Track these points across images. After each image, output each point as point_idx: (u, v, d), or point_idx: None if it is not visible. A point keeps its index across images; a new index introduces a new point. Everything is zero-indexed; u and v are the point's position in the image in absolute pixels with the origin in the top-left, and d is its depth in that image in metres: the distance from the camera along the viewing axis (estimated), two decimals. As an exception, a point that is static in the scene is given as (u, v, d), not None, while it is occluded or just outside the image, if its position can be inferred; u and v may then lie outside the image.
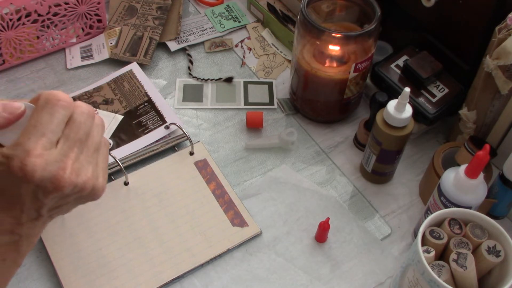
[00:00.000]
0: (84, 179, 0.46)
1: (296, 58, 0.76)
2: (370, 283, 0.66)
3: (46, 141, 0.43)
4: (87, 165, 0.47)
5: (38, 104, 0.44)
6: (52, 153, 0.44)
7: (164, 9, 0.93)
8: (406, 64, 0.76)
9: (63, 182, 0.44)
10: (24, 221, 0.46)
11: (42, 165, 0.43)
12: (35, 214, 0.46)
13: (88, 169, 0.47)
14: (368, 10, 0.73)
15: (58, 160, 0.44)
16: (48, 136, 0.44)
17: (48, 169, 0.43)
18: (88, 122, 0.47)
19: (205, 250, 0.66)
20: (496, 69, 0.64)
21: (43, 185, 0.43)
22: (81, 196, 0.48)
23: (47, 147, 0.44)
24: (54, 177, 0.44)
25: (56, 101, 0.44)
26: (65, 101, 0.45)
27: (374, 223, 0.71)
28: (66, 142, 0.45)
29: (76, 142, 0.46)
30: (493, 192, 0.68)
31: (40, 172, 0.43)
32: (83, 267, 0.64)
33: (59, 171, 0.44)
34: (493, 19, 0.66)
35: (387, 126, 0.67)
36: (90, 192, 0.47)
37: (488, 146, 0.56)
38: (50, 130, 0.44)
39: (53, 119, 0.44)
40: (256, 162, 0.77)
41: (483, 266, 0.54)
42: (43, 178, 0.43)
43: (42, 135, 0.43)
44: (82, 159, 0.46)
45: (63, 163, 0.44)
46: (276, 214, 0.71)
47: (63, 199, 0.47)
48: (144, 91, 0.81)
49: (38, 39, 0.84)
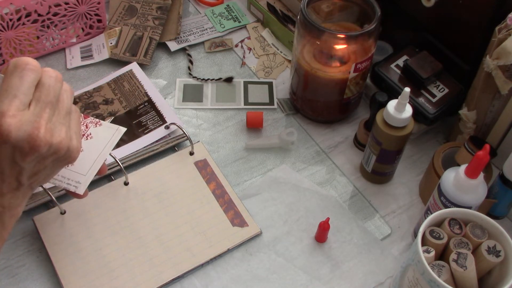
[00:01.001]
0: (59, 139, 0.48)
1: (296, 58, 0.76)
2: (370, 283, 0.66)
3: (18, 102, 0.45)
4: (60, 126, 0.48)
5: (7, 70, 0.46)
6: (26, 114, 0.46)
7: (164, 9, 0.93)
8: (406, 64, 0.76)
9: (39, 141, 0.46)
10: (5, 191, 0.48)
11: (17, 125, 0.45)
12: (15, 182, 0.48)
13: (62, 130, 0.48)
14: (368, 10, 0.73)
15: (31, 120, 0.46)
16: (20, 98, 0.45)
17: (23, 129, 0.45)
18: (56, 86, 0.48)
19: (205, 250, 0.66)
20: (496, 69, 0.64)
21: (19, 145, 0.45)
22: (57, 158, 0.49)
23: (20, 108, 0.45)
24: (29, 136, 0.45)
25: (24, 65, 0.46)
26: (33, 65, 0.47)
27: (374, 223, 0.71)
28: (38, 104, 0.47)
29: (48, 104, 0.47)
30: (493, 192, 0.68)
31: (16, 131, 0.44)
32: (83, 267, 0.64)
33: (34, 130, 0.45)
34: (493, 19, 0.66)
35: (387, 126, 0.67)
36: (65, 153, 0.49)
37: (488, 146, 0.56)
38: (21, 92, 0.46)
39: (23, 82, 0.46)
40: (256, 162, 0.77)
41: (483, 266, 0.54)
42: (18, 138, 0.45)
43: (14, 97, 0.45)
44: (55, 120, 0.48)
45: (36, 123, 0.46)
46: (276, 214, 0.71)
47: (40, 162, 0.48)
48: (144, 91, 0.81)
49: (38, 39, 0.84)
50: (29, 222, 0.68)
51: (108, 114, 0.78)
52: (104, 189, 0.71)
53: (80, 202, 0.68)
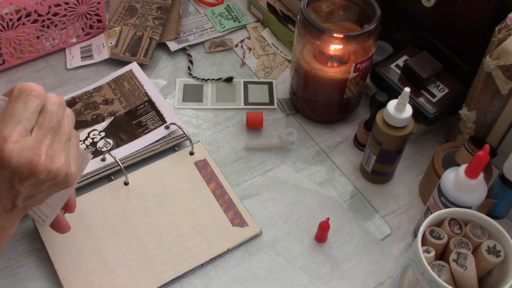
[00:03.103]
0: (58, 165, 0.48)
1: (296, 58, 0.76)
2: (370, 283, 0.66)
3: (22, 128, 0.46)
4: (60, 153, 0.49)
5: (12, 95, 0.47)
6: (28, 140, 0.46)
7: (164, 9, 0.93)
8: (406, 64, 0.76)
9: (39, 167, 0.46)
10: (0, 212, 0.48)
11: (19, 151, 0.45)
12: (10, 205, 0.48)
13: (61, 157, 0.49)
14: (368, 10, 0.73)
15: (33, 146, 0.46)
16: (23, 123, 0.46)
17: (24, 155, 0.45)
18: (59, 112, 0.49)
19: (205, 250, 0.66)
20: (496, 69, 0.64)
21: (19, 170, 0.45)
22: (55, 184, 0.49)
23: (23, 134, 0.46)
24: (30, 163, 0.46)
25: (29, 91, 0.47)
26: (37, 91, 0.47)
27: (374, 223, 0.71)
28: (40, 130, 0.47)
29: (50, 130, 0.48)
30: (493, 192, 0.68)
31: (17, 157, 0.45)
32: (83, 267, 0.64)
33: (34, 156, 0.46)
34: (493, 19, 0.66)
35: (387, 126, 0.67)
36: (63, 179, 0.49)
37: (488, 146, 0.56)
38: (25, 118, 0.46)
39: (27, 108, 0.46)
40: (256, 162, 0.77)
41: (483, 266, 0.54)
42: (19, 164, 0.45)
43: (18, 123, 0.46)
44: (55, 146, 0.48)
45: (38, 149, 0.46)
46: (276, 214, 0.71)
47: (37, 187, 0.48)
48: (144, 91, 0.81)
49: (38, 39, 0.84)
50: (29, 222, 0.68)
51: (108, 114, 0.78)
52: (104, 189, 0.71)
53: (80, 202, 0.68)
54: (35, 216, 0.60)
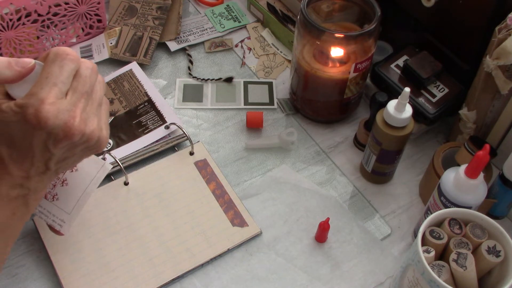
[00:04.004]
0: (91, 128, 0.49)
1: (296, 58, 0.76)
2: (370, 283, 0.66)
3: (57, 90, 0.47)
4: (92, 116, 0.50)
5: (48, 58, 0.48)
6: (63, 102, 0.47)
7: (164, 9, 0.93)
8: (406, 64, 0.76)
9: (73, 129, 0.47)
10: (33, 175, 0.49)
11: (55, 113, 0.46)
12: (44, 167, 0.49)
13: (94, 120, 0.50)
14: (368, 10, 0.73)
15: (68, 109, 0.47)
16: (59, 86, 0.47)
17: (60, 117, 0.46)
18: (92, 77, 0.50)
19: (205, 250, 0.66)
20: (496, 69, 0.64)
21: (54, 132, 0.46)
22: (87, 147, 0.50)
23: (59, 97, 0.47)
24: (65, 125, 0.47)
25: (65, 55, 0.48)
26: (72, 55, 0.48)
27: (374, 223, 0.71)
28: (74, 93, 0.48)
29: (83, 94, 0.49)
30: (493, 192, 0.68)
31: (53, 119, 0.46)
32: (83, 267, 0.64)
33: (69, 119, 0.47)
34: (493, 19, 0.66)
35: (387, 126, 0.67)
36: (95, 143, 0.50)
37: (488, 146, 0.56)
38: (60, 81, 0.47)
39: (63, 71, 0.47)
40: (256, 162, 0.77)
41: (483, 266, 0.54)
42: (55, 125, 0.46)
43: (54, 85, 0.46)
44: (88, 110, 0.49)
45: (73, 112, 0.47)
46: (276, 214, 0.71)
47: (71, 149, 0.49)
48: (144, 91, 0.81)
49: (38, 39, 0.84)
50: (29, 222, 0.68)
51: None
52: (104, 189, 0.71)
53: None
54: (49, 221, 0.60)
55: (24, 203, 0.50)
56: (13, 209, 0.50)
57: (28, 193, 0.50)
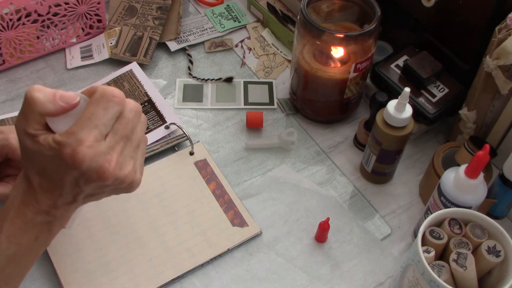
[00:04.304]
0: (126, 173, 0.48)
1: (296, 58, 0.76)
2: (370, 283, 0.66)
3: (98, 133, 0.46)
4: (129, 159, 0.49)
5: (93, 98, 0.47)
6: (101, 145, 0.46)
7: (164, 9, 0.93)
8: (406, 64, 0.76)
9: (108, 174, 0.47)
10: (60, 205, 0.49)
11: (91, 156, 0.45)
12: (72, 199, 0.49)
13: (130, 164, 0.49)
14: (368, 10, 0.73)
15: (105, 152, 0.46)
16: (100, 129, 0.46)
17: (96, 160, 0.46)
18: (135, 120, 0.49)
19: (205, 250, 0.66)
20: (496, 69, 0.64)
21: (88, 174, 0.46)
22: (118, 188, 0.50)
23: (98, 139, 0.46)
24: (100, 168, 0.46)
25: (111, 96, 0.47)
26: (119, 97, 0.47)
27: (374, 223, 0.71)
28: (114, 137, 0.47)
29: (123, 138, 0.48)
30: (493, 192, 0.68)
31: (89, 162, 0.45)
32: (83, 267, 0.64)
33: (105, 163, 0.46)
34: (493, 19, 0.66)
35: (387, 126, 0.67)
36: (127, 186, 0.50)
37: (488, 146, 0.56)
38: (102, 123, 0.46)
39: (106, 113, 0.46)
40: (256, 162, 0.77)
41: (483, 266, 0.54)
42: (90, 168, 0.46)
43: (95, 127, 0.46)
44: (126, 153, 0.49)
45: (110, 155, 0.47)
46: (276, 214, 0.71)
47: (101, 188, 0.49)
48: (144, 91, 0.81)
49: (38, 39, 0.84)
50: (29, 222, 0.68)
51: (108, 114, 0.78)
52: (104, 189, 0.71)
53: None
54: None
55: (48, 229, 0.50)
56: (36, 234, 0.50)
57: (54, 220, 0.50)
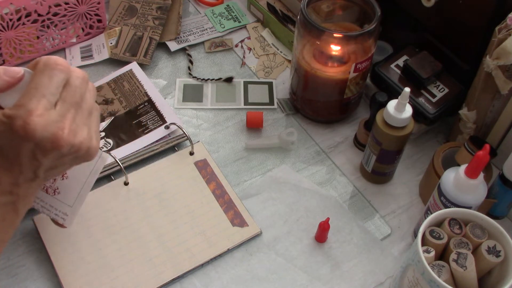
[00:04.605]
0: (80, 139, 0.48)
1: (296, 58, 0.76)
2: (370, 283, 0.66)
3: (46, 102, 0.46)
4: (82, 126, 0.49)
5: (37, 68, 0.47)
6: (52, 114, 0.46)
7: (164, 9, 0.93)
8: (406, 64, 0.76)
9: (62, 141, 0.46)
10: (22, 182, 0.49)
11: (43, 125, 0.45)
12: (32, 175, 0.49)
13: (84, 131, 0.49)
14: (368, 10, 0.73)
15: (57, 120, 0.46)
16: (48, 97, 0.46)
17: (48, 129, 0.46)
18: (83, 86, 0.49)
19: (205, 250, 0.66)
20: (496, 69, 0.64)
21: (42, 144, 0.46)
22: (76, 157, 0.50)
23: (47, 108, 0.46)
24: (53, 136, 0.46)
25: (54, 65, 0.47)
26: (62, 65, 0.47)
27: (374, 223, 0.71)
28: (63, 104, 0.47)
29: (73, 105, 0.48)
30: (493, 192, 0.68)
31: (41, 131, 0.45)
32: (83, 267, 0.64)
33: (58, 131, 0.46)
34: (493, 19, 0.66)
35: (387, 126, 0.67)
36: (85, 153, 0.50)
37: (488, 146, 0.56)
38: (49, 92, 0.46)
39: (52, 82, 0.47)
40: (256, 162, 0.77)
41: (483, 266, 0.54)
42: (43, 137, 0.45)
43: (43, 96, 0.46)
44: (78, 120, 0.48)
45: (61, 123, 0.47)
46: (276, 214, 0.71)
47: (60, 159, 0.49)
48: (144, 91, 0.81)
49: (38, 39, 0.84)
50: (29, 222, 0.68)
51: (108, 114, 0.78)
52: (104, 189, 0.71)
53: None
54: (51, 215, 0.60)
55: (13, 209, 0.50)
56: (3, 215, 0.49)
57: (17, 200, 0.50)
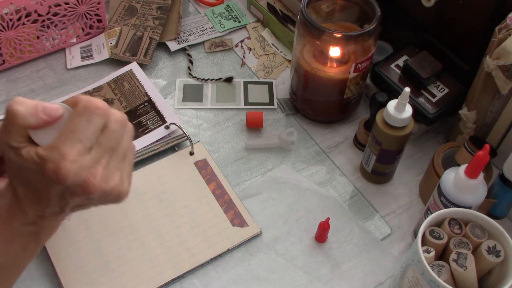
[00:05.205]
0: (112, 185, 0.47)
1: (296, 58, 0.76)
2: (370, 283, 0.66)
3: (81, 147, 0.45)
4: (115, 171, 0.48)
5: (76, 110, 0.45)
6: (85, 159, 0.45)
7: (164, 9, 0.93)
8: (406, 64, 0.76)
9: (93, 187, 0.45)
10: (47, 215, 0.48)
11: (75, 171, 0.44)
12: (59, 210, 0.48)
13: (116, 176, 0.48)
14: (368, 10, 0.73)
15: (90, 166, 0.45)
16: (83, 142, 0.45)
17: (80, 175, 0.44)
18: (121, 131, 0.48)
19: (205, 250, 0.66)
20: (496, 69, 0.64)
21: (73, 189, 0.45)
22: (105, 199, 0.49)
23: (82, 153, 0.45)
24: (84, 182, 0.45)
25: (94, 109, 0.45)
26: (102, 109, 0.46)
27: (374, 223, 0.71)
28: (99, 149, 0.46)
29: (108, 150, 0.47)
30: (493, 192, 0.68)
31: (73, 177, 0.44)
32: (83, 267, 0.64)
33: (89, 177, 0.45)
34: (493, 19, 0.66)
35: (387, 126, 0.67)
36: (115, 197, 0.49)
37: (488, 146, 0.56)
38: (86, 137, 0.45)
39: (90, 126, 0.45)
40: (256, 162, 0.77)
41: (483, 266, 0.54)
42: (74, 183, 0.44)
43: (78, 141, 0.44)
44: (112, 166, 0.47)
45: (94, 169, 0.45)
46: (276, 214, 0.71)
47: (88, 200, 0.48)
48: (144, 91, 0.81)
49: (38, 39, 0.84)
50: (29, 222, 0.68)
51: (108, 114, 0.78)
52: (104, 189, 0.71)
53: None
54: None
55: (35, 239, 0.50)
56: (25, 244, 0.49)
57: (41, 230, 0.49)
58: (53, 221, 0.50)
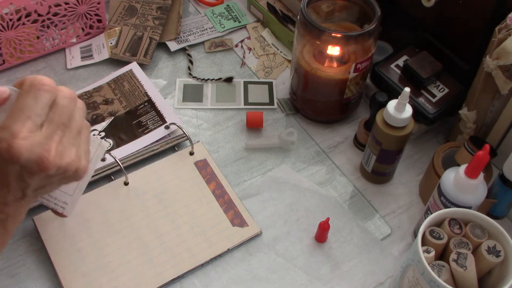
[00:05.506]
0: (68, 160, 0.48)
1: (296, 58, 0.76)
2: (370, 283, 0.66)
3: (31, 124, 0.45)
4: (70, 147, 0.48)
5: (23, 88, 0.46)
6: (37, 136, 0.45)
7: (164, 9, 0.93)
8: (406, 64, 0.76)
9: (48, 163, 0.46)
10: (10, 201, 0.48)
11: (28, 147, 0.45)
12: (21, 194, 0.48)
13: (71, 151, 0.48)
14: (368, 10, 0.73)
15: (43, 142, 0.46)
16: (33, 119, 0.45)
17: (34, 151, 0.45)
18: (70, 106, 0.48)
19: (205, 250, 0.66)
20: (496, 69, 0.64)
21: (28, 166, 0.45)
22: (64, 177, 0.49)
23: (33, 130, 0.45)
24: (39, 159, 0.45)
25: (40, 85, 0.46)
26: (49, 85, 0.46)
27: (374, 223, 0.71)
28: (50, 125, 0.47)
29: (60, 125, 0.47)
30: (493, 192, 0.68)
31: (26, 153, 0.44)
32: (83, 267, 0.64)
33: (43, 153, 0.45)
34: (493, 19, 0.66)
35: (387, 126, 0.67)
36: (73, 173, 0.49)
37: (488, 146, 0.56)
38: (35, 113, 0.45)
39: (38, 103, 0.46)
40: (256, 162, 0.77)
41: (483, 266, 0.54)
42: (28, 160, 0.45)
43: (28, 118, 0.45)
44: (65, 141, 0.48)
45: (47, 145, 0.46)
46: (276, 214, 0.71)
47: (47, 179, 0.48)
48: (144, 91, 0.81)
49: (38, 39, 0.84)
50: (29, 222, 0.68)
51: (108, 114, 0.78)
52: (104, 189, 0.71)
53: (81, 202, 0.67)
54: (50, 204, 0.60)
55: (2, 227, 0.50)
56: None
57: (6, 218, 0.49)
58: (18, 207, 0.49)
